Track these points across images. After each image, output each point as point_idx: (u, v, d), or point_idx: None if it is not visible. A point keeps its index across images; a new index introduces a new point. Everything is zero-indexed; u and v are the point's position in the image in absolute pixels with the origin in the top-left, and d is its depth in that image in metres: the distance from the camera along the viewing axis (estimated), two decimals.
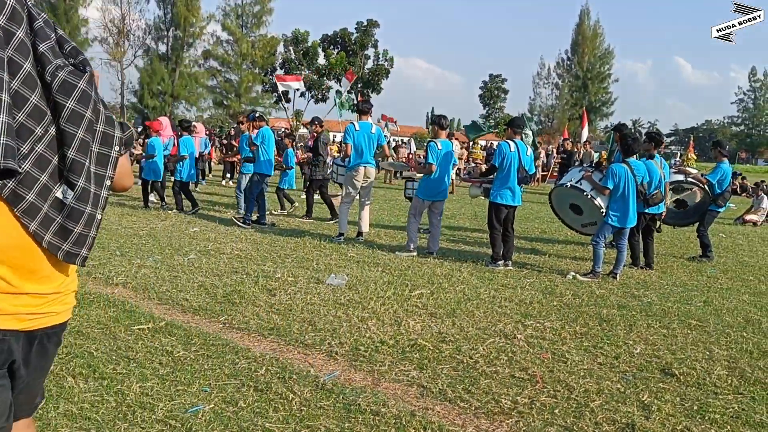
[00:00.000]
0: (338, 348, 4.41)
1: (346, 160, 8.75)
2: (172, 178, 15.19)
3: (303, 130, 20.69)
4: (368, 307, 5.48)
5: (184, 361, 4.02)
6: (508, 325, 5.19)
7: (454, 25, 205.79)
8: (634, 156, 7.41)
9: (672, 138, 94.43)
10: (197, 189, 15.91)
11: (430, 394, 3.74)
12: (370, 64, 49.66)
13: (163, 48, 48.64)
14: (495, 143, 43.39)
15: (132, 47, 48.38)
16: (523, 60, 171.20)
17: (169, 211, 11.23)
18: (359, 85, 47.40)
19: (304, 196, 12.29)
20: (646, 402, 3.74)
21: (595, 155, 21.48)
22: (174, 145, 12.39)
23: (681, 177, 9.17)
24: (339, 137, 18.44)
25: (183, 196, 11.31)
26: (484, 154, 29.14)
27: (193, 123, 15.52)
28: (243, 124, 11.60)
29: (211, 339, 4.46)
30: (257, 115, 10.27)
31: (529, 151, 7.74)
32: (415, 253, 8.02)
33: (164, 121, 13.02)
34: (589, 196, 7.44)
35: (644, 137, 8.52)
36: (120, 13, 47.41)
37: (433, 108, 39.01)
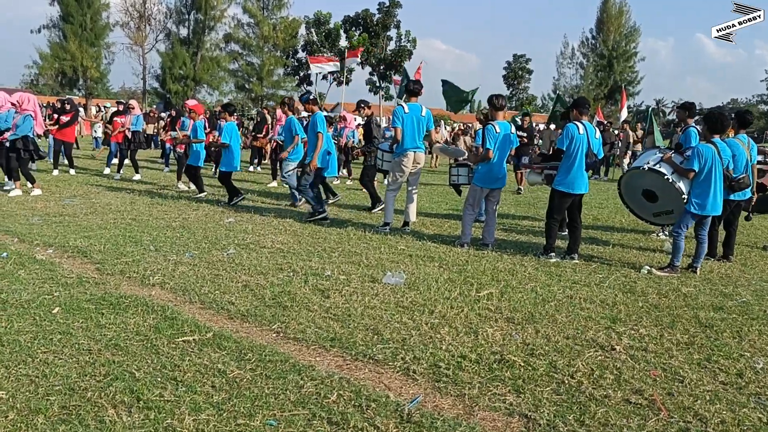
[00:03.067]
0: (414, 365, 3.80)
1: (394, 145, 8.04)
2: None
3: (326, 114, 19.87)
4: (436, 311, 4.86)
5: (240, 384, 3.44)
6: (599, 332, 4.54)
7: (469, 5, 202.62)
8: (719, 136, 6.65)
9: (698, 117, 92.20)
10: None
11: (538, 427, 3.12)
12: (392, 45, 48.65)
13: (184, 32, 48.13)
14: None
15: (153, 31, 47.91)
16: (543, 41, 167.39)
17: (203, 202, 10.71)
18: (382, 68, 46.47)
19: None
20: None
21: (632, 135, 20.46)
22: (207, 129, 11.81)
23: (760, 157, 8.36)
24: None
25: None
26: None
27: (130, 103, 14.52)
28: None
29: (267, 354, 3.87)
30: (311, 97, 9.25)
31: (598, 133, 7.02)
32: (469, 247, 7.38)
33: (191, 102, 12.44)
34: (670, 180, 6.68)
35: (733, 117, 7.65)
36: None
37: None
